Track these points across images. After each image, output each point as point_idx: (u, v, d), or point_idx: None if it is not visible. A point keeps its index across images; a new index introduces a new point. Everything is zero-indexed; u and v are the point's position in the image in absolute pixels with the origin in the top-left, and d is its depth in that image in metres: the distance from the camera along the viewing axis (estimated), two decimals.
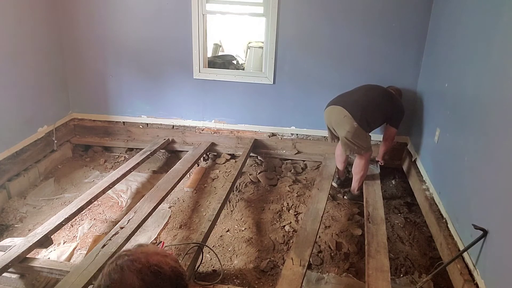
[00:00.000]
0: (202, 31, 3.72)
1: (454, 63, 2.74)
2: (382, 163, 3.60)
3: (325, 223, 2.97)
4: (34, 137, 3.53)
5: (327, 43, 3.63)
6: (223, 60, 4.68)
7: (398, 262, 2.60)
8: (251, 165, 3.94)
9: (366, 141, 3.15)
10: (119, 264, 0.93)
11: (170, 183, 3.12)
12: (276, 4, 3.51)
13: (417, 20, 3.43)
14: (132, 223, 2.56)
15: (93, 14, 3.74)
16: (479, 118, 2.22)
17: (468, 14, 2.58)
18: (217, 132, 4.09)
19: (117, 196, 3.34)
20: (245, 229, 2.92)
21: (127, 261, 0.93)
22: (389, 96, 3.25)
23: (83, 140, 4.16)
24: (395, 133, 3.34)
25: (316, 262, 2.57)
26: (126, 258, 0.94)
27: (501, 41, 2.05)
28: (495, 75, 2.08)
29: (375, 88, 3.28)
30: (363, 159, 3.21)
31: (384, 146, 3.48)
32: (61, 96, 3.96)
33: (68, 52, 3.89)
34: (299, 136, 4.00)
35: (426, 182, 3.13)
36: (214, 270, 2.48)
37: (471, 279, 2.06)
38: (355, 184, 3.35)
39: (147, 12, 3.70)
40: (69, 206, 2.77)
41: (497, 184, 1.93)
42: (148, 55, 3.86)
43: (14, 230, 2.84)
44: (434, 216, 2.70)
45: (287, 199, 3.32)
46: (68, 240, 2.76)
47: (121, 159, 4.06)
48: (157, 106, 4.06)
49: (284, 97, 3.87)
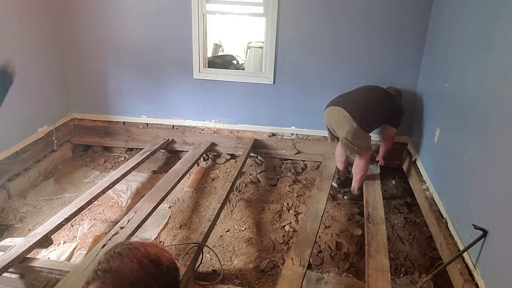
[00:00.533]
0: (202, 31, 3.72)
1: (454, 63, 2.74)
2: (382, 163, 3.60)
3: (325, 223, 2.97)
4: (34, 137, 3.53)
5: (327, 43, 3.63)
6: (223, 60, 4.68)
7: (398, 262, 2.60)
8: (251, 165, 3.94)
9: (366, 142, 3.15)
10: (117, 251, 0.90)
11: (170, 183, 3.12)
12: (276, 4, 3.51)
13: (417, 20, 3.43)
14: (132, 223, 2.56)
15: (93, 14, 3.74)
16: (479, 118, 2.22)
17: (468, 14, 2.58)
18: (217, 132, 4.09)
19: (117, 196, 3.34)
20: (245, 229, 2.92)
21: (126, 249, 0.91)
22: (389, 97, 3.25)
23: (83, 140, 4.16)
24: (395, 133, 3.34)
25: (316, 262, 2.57)
26: (125, 247, 0.91)
27: (501, 41, 2.05)
28: (495, 75, 2.08)
29: (375, 89, 3.28)
30: (363, 159, 3.21)
31: (384, 146, 3.48)
32: (61, 96, 3.96)
33: (68, 52, 3.89)
34: (299, 136, 4.01)
35: (426, 182, 3.13)
36: (214, 270, 2.48)
37: (471, 279, 2.06)
38: (355, 184, 3.35)
39: (147, 12, 3.70)
40: (69, 206, 2.77)
41: (497, 184, 1.93)
42: (148, 55, 3.86)
43: (14, 230, 2.84)
44: (434, 216, 2.70)
45: (287, 199, 3.32)
46: (68, 240, 2.76)
47: (121, 159, 4.06)
48: (157, 106, 4.06)
49: (284, 97, 3.87)
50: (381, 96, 3.23)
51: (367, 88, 3.29)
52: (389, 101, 3.23)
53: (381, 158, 3.56)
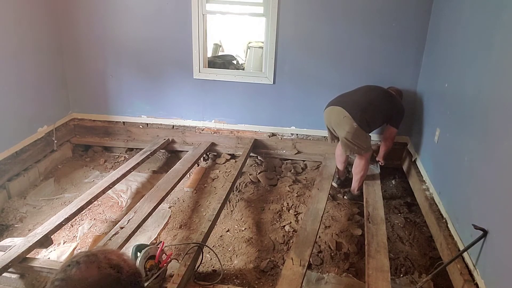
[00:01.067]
0: (202, 31, 3.72)
1: (454, 63, 2.74)
2: (382, 163, 3.60)
3: (325, 223, 2.97)
4: (34, 137, 3.53)
5: (327, 43, 3.63)
6: (223, 60, 4.68)
7: (398, 262, 2.59)
8: (251, 165, 3.94)
9: (366, 142, 3.15)
10: (75, 260, 0.89)
11: (170, 183, 3.12)
12: (276, 4, 3.51)
13: (417, 20, 3.43)
14: (132, 223, 2.56)
15: (93, 14, 3.74)
16: (479, 118, 2.22)
17: (468, 14, 2.58)
18: (217, 132, 4.09)
19: (117, 196, 3.34)
20: (245, 229, 2.92)
21: (84, 257, 0.90)
22: (389, 97, 3.25)
23: (83, 140, 4.16)
24: (395, 133, 3.34)
25: (316, 262, 2.57)
26: (83, 254, 0.91)
27: (501, 41, 2.05)
28: (495, 75, 2.08)
29: (375, 89, 3.28)
30: (363, 159, 3.21)
31: (384, 146, 3.48)
32: (61, 96, 3.96)
33: (68, 52, 3.89)
34: (299, 136, 4.00)
35: (426, 182, 3.13)
36: (214, 270, 2.48)
37: (471, 279, 2.06)
38: (355, 184, 3.35)
39: (147, 12, 3.70)
40: (69, 206, 2.77)
41: (497, 184, 1.93)
42: (148, 55, 3.86)
43: (14, 230, 2.84)
44: (434, 216, 2.70)
45: (287, 199, 3.32)
46: (68, 240, 2.76)
47: (121, 159, 4.06)
48: (157, 106, 4.06)
49: (284, 97, 3.87)
50: (381, 96, 3.23)
51: (367, 88, 3.28)
52: (389, 101, 3.23)
53: (381, 158, 3.56)
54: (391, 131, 3.33)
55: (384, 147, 3.49)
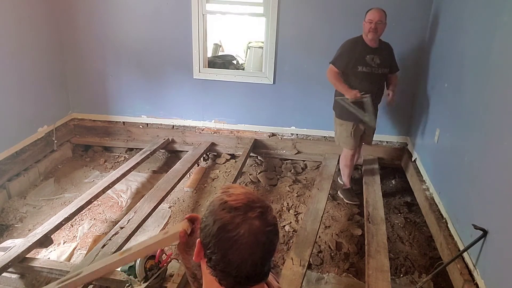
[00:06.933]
0: (202, 31, 3.72)
1: (454, 63, 2.74)
2: (393, 101, 3.21)
3: (325, 223, 2.97)
4: (34, 137, 3.53)
5: (327, 43, 3.62)
6: (223, 60, 4.68)
7: (398, 262, 2.60)
8: (251, 165, 3.94)
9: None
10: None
11: (170, 183, 3.12)
12: (276, 4, 3.51)
13: (416, 21, 3.43)
14: (132, 223, 2.57)
15: (93, 14, 3.74)
16: (479, 118, 2.22)
17: (468, 14, 2.58)
18: (217, 132, 4.09)
19: (117, 196, 3.34)
20: None
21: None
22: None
23: (83, 140, 4.15)
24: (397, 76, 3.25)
25: (316, 262, 2.57)
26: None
27: (501, 41, 2.05)
28: (495, 75, 2.08)
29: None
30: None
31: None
32: (61, 96, 3.96)
33: (68, 52, 3.89)
34: (299, 136, 4.00)
35: (426, 182, 3.13)
36: None
37: (471, 279, 2.06)
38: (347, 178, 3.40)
39: (147, 12, 3.70)
40: (69, 206, 2.77)
41: (497, 184, 1.93)
42: (148, 55, 3.86)
43: (14, 230, 2.84)
44: (434, 216, 2.70)
45: (287, 199, 3.32)
46: (68, 240, 2.76)
47: (121, 159, 4.06)
48: (157, 106, 4.06)
49: (284, 97, 3.87)
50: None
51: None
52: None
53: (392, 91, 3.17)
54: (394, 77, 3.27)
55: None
